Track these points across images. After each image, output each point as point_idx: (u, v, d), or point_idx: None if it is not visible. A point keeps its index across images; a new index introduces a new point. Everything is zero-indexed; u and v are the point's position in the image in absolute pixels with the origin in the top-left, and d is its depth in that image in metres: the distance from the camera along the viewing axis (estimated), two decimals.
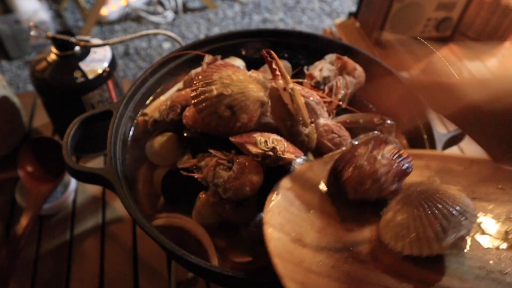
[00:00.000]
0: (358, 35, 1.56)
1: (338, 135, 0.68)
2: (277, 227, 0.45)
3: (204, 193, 0.64)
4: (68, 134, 0.68)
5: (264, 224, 0.45)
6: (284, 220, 0.47)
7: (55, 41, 0.93)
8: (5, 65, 2.42)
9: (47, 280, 0.89)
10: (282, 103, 0.61)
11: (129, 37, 0.89)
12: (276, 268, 0.40)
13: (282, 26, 2.83)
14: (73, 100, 0.96)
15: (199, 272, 0.66)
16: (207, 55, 0.82)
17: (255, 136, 0.59)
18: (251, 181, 0.56)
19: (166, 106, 0.73)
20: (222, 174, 0.58)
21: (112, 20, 2.79)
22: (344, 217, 0.50)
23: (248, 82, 0.61)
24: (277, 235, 0.44)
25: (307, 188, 0.54)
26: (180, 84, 0.83)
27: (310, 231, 0.47)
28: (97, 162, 1.11)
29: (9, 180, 1.05)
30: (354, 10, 1.65)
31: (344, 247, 0.45)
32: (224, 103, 0.59)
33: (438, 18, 1.44)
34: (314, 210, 0.50)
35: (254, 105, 0.60)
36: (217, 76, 0.60)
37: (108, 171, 0.64)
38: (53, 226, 0.98)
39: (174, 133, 0.74)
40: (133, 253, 0.93)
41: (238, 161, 0.58)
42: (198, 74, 0.63)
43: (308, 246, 0.45)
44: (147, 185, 0.72)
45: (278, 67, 0.62)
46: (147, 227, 0.59)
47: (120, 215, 1.00)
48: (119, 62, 2.51)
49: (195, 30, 2.76)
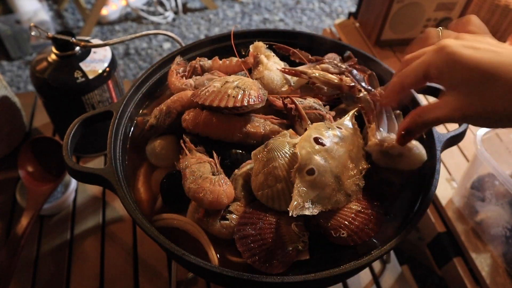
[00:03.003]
0: (358, 35, 1.56)
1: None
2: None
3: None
4: (68, 134, 0.69)
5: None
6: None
7: (56, 42, 0.93)
8: (6, 65, 2.43)
9: (47, 280, 0.89)
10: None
11: (129, 37, 0.89)
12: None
13: (282, 26, 2.83)
14: (74, 100, 0.96)
15: (199, 272, 0.66)
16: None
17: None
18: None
19: (162, 111, 0.73)
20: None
21: (112, 20, 2.79)
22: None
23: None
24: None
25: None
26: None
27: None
28: (97, 162, 1.11)
29: (10, 180, 1.05)
30: (354, 10, 1.65)
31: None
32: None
33: (438, 18, 1.44)
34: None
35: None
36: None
37: (108, 171, 0.64)
38: (53, 226, 0.98)
39: (174, 135, 0.74)
40: (133, 253, 0.94)
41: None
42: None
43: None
44: (146, 185, 0.73)
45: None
46: (147, 227, 0.59)
47: (120, 215, 1.00)
48: (119, 62, 2.51)
49: (195, 30, 2.77)
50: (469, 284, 0.95)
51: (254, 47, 0.81)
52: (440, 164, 0.68)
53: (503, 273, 0.93)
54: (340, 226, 0.60)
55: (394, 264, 0.95)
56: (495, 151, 1.00)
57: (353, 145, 0.66)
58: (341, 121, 0.69)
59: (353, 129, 0.68)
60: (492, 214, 0.95)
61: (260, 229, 0.60)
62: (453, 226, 1.01)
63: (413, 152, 0.66)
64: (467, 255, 0.97)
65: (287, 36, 0.90)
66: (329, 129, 0.64)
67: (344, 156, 0.63)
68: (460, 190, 1.03)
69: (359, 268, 0.57)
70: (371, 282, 0.91)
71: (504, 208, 0.92)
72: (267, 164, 0.61)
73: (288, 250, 0.58)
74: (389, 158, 0.67)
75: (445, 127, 1.24)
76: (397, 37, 1.47)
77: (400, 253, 1.07)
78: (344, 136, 0.65)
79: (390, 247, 0.58)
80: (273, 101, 0.73)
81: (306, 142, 0.61)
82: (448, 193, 1.08)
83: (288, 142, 0.63)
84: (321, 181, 0.59)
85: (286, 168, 0.60)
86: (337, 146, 0.62)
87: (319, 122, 0.67)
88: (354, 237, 0.60)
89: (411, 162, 0.67)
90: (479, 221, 0.98)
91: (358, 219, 0.61)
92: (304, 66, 0.79)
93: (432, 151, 0.70)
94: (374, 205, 0.64)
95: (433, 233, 1.05)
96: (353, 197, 0.63)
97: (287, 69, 0.77)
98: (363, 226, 0.61)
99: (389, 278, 0.92)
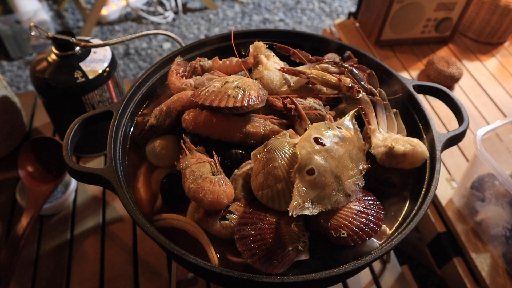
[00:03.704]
0: (358, 35, 1.57)
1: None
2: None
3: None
4: (68, 135, 0.69)
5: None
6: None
7: (56, 42, 0.93)
8: (6, 65, 2.42)
9: (48, 280, 0.89)
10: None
11: (129, 38, 0.89)
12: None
13: (282, 26, 2.83)
14: (74, 100, 0.96)
15: (199, 272, 0.66)
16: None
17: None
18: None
19: (162, 111, 0.74)
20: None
21: (112, 20, 2.79)
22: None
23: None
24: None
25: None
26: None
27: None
28: (97, 162, 1.11)
29: (10, 180, 1.05)
30: (354, 10, 1.65)
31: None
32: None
33: (438, 18, 1.44)
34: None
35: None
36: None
37: (108, 171, 0.64)
38: (53, 226, 0.98)
39: (174, 135, 0.74)
40: (133, 253, 0.94)
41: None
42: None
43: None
44: (146, 185, 0.73)
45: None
46: (147, 227, 0.59)
47: (120, 215, 1.00)
48: (119, 62, 2.51)
49: (195, 30, 2.76)
50: (469, 284, 0.95)
51: (254, 47, 0.81)
52: (440, 164, 0.68)
53: (503, 273, 0.93)
54: (340, 226, 0.60)
55: (394, 264, 0.95)
56: (495, 151, 1.00)
57: (353, 145, 0.66)
58: (341, 121, 0.69)
59: (353, 129, 0.68)
60: (492, 214, 0.95)
61: (260, 229, 0.60)
62: (453, 226, 1.01)
63: (416, 150, 0.67)
64: (467, 255, 0.97)
65: (287, 36, 0.90)
66: (329, 129, 0.64)
67: (344, 156, 0.63)
68: (460, 190, 1.03)
69: (359, 268, 0.57)
70: (371, 282, 0.91)
71: (504, 208, 0.92)
72: (267, 164, 0.61)
73: (288, 250, 0.58)
74: (394, 159, 0.67)
75: (445, 127, 1.24)
76: (397, 37, 1.47)
77: (400, 253, 1.07)
78: (344, 136, 0.65)
79: (390, 247, 0.58)
80: (273, 101, 0.73)
81: (306, 142, 0.61)
82: (448, 193, 1.07)
83: (288, 142, 0.63)
84: (321, 181, 0.59)
85: (286, 168, 0.60)
86: (337, 146, 0.62)
87: (319, 122, 0.67)
88: (354, 237, 0.60)
89: (414, 160, 0.68)
90: (479, 221, 0.98)
91: (358, 219, 0.61)
92: (304, 66, 0.80)
93: (432, 151, 0.70)
94: (374, 205, 0.64)
95: (433, 233, 1.05)
96: (353, 197, 0.63)
97: (286, 69, 0.77)
98: (363, 226, 0.61)
99: (389, 278, 0.92)
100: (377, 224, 0.62)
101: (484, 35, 1.52)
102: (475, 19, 1.51)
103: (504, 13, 1.44)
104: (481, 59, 1.49)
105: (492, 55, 1.51)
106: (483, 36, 1.53)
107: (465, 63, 1.47)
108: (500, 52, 1.53)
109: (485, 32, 1.51)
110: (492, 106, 1.32)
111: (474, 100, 1.34)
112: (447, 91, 0.79)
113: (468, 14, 1.51)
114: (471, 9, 1.50)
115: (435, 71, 1.35)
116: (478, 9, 1.49)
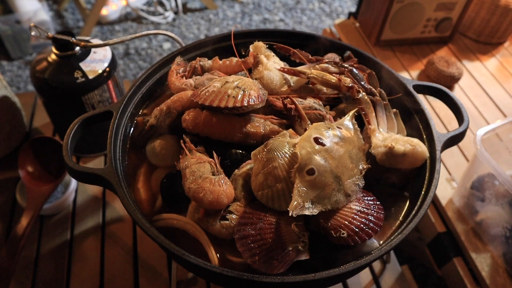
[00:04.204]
0: (358, 35, 1.56)
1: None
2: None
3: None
4: (68, 135, 0.69)
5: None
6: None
7: (56, 42, 0.93)
8: (6, 65, 2.42)
9: (48, 280, 0.89)
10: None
11: (129, 37, 0.89)
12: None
13: (282, 26, 2.83)
14: (74, 100, 0.96)
15: (199, 272, 0.66)
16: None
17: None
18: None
19: (162, 111, 0.74)
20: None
21: (112, 20, 2.79)
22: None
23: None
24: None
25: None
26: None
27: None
28: (97, 162, 1.11)
29: (10, 180, 1.05)
30: (354, 10, 1.65)
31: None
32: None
33: (438, 18, 1.44)
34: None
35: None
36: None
37: (108, 171, 0.64)
38: (53, 226, 0.98)
39: (174, 135, 0.74)
40: (133, 253, 0.94)
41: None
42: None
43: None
44: (146, 185, 0.73)
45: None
46: (147, 227, 0.59)
47: (120, 215, 1.00)
48: (119, 62, 2.51)
49: (195, 30, 2.76)
50: (469, 284, 0.95)
51: (254, 47, 0.81)
52: (440, 164, 0.68)
53: (503, 273, 0.93)
54: (340, 226, 0.60)
55: (394, 264, 0.95)
56: (495, 151, 1.00)
57: (353, 145, 0.66)
58: (341, 121, 0.69)
59: (353, 129, 0.68)
60: (492, 214, 0.95)
61: (260, 229, 0.60)
62: (453, 226, 1.01)
63: (416, 150, 0.67)
64: (467, 255, 0.97)
65: (287, 36, 0.90)
66: (329, 129, 0.64)
67: (344, 156, 0.63)
68: (460, 190, 1.03)
69: (359, 268, 0.57)
70: (371, 282, 0.91)
71: (504, 208, 0.92)
72: (267, 164, 0.61)
73: (288, 250, 0.58)
74: (394, 159, 0.67)
75: (445, 127, 1.24)
76: (397, 37, 1.47)
77: (400, 253, 1.07)
78: (344, 136, 0.65)
79: (390, 247, 0.58)
80: (273, 101, 0.73)
81: (306, 142, 0.61)
82: (448, 193, 1.07)
83: (288, 142, 0.63)
84: (321, 181, 0.59)
85: (286, 168, 0.60)
86: (337, 146, 0.62)
87: (319, 122, 0.67)
88: (354, 237, 0.60)
89: (414, 160, 0.68)
90: (479, 221, 0.98)
91: (358, 219, 0.61)
92: (304, 66, 0.80)
93: (432, 151, 0.70)
94: (374, 205, 0.64)
95: (433, 233, 1.05)
96: (353, 197, 0.63)
97: (286, 69, 0.77)
98: (363, 226, 0.61)
99: (389, 278, 0.92)
100: (377, 224, 0.62)
101: (484, 35, 1.52)
102: (475, 19, 1.51)
103: (504, 13, 1.44)
104: (481, 59, 1.49)
105: (492, 55, 1.51)
106: (483, 36, 1.53)
107: (465, 63, 1.47)
108: (500, 52, 1.53)
109: (485, 32, 1.51)
110: (492, 106, 1.32)
111: (474, 100, 1.34)
112: (447, 91, 0.79)
113: (468, 14, 1.51)
114: (471, 9, 1.50)
115: (435, 71, 1.35)
116: (478, 9, 1.49)
